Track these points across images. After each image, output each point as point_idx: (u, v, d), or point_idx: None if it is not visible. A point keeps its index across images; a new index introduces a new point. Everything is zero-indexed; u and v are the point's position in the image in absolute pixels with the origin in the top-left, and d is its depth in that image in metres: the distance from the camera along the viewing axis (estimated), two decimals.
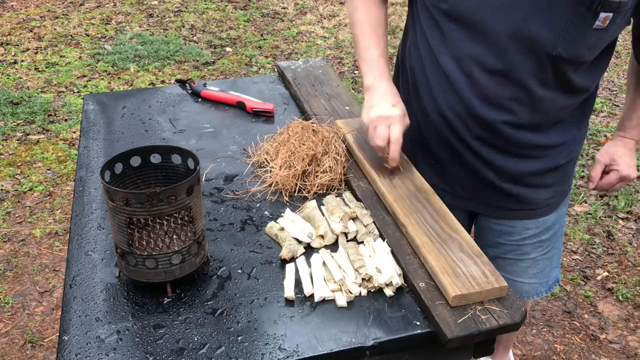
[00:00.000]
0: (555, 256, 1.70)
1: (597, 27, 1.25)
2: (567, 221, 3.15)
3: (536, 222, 1.58)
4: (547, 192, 1.55)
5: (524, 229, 1.59)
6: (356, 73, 4.70)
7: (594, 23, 1.24)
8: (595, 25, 1.25)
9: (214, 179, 1.51)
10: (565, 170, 1.55)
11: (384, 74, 1.45)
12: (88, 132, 1.70)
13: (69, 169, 3.47)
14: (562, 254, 2.90)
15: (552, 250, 1.67)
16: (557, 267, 1.73)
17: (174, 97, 1.91)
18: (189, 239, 1.15)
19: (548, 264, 1.69)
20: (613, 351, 2.44)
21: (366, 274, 1.16)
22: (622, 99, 4.42)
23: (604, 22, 1.24)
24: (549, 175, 1.52)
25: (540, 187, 1.53)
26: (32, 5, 5.81)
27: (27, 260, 2.83)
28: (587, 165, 3.61)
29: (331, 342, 1.05)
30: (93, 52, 4.87)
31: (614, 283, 2.78)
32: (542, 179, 1.52)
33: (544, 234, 1.61)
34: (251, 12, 5.83)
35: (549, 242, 1.64)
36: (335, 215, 1.31)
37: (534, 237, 1.61)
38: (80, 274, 1.19)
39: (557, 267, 1.74)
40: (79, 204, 1.40)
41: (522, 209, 1.55)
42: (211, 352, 1.03)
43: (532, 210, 1.56)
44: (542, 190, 1.54)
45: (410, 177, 1.44)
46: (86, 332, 1.06)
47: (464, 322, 1.07)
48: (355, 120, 1.66)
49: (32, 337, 2.44)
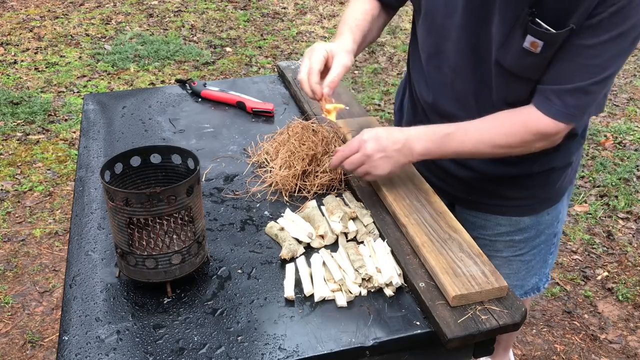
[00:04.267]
0: (535, 263, 1.67)
1: (527, 48, 1.25)
2: (567, 221, 3.15)
3: (509, 220, 1.57)
4: (522, 192, 1.53)
5: (497, 224, 1.59)
6: (356, 73, 4.70)
7: (523, 43, 1.24)
8: (526, 47, 1.24)
9: (214, 179, 1.51)
10: (543, 177, 1.52)
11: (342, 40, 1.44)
12: (88, 132, 1.70)
13: (69, 169, 3.47)
14: (558, 256, 2.91)
15: (530, 256, 1.64)
16: (538, 275, 1.70)
17: (174, 97, 1.91)
18: (189, 239, 1.15)
19: (524, 268, 1.66)
20: (613, 351, 2.44)
21: (366, 274, 1.16)
22: (622, 99, 4.43)
23: (533, 46, 1.24)
24: (524, 179, 1.51)
25: (515, 186, 1.52)
26: (32, 5, 5.81)
27: (27, 260, 2.83)
28: (587, 165, 3.61)
29: (331, 342, 1.05)
30: (93, 52, 4.87)
31: (614, 283, 2.78)
32: (515, 180, 1.51)
33: (517, 235, 1.59)
34: (251, 12, 5.83)
35: (523, 244, 1.61)
36: (335, 215, 1.31)
37: (506, 235, 1.60)
38: (80, 274, 1.19)
39: (540, 275, 1.71)
40: (79, 204, 1.40)
41: (495, 204, 1.55)
42: (211, 352, 1.03)
43: (505, 207, 1.55)
44: (517, 189, 1.53)
45: (411, 177, 1.44)
46: (86, 332, 1.06)
47: (464, 322, 1.07)
48: (355, 120, 1.66)
49: (32, 337, 2.44)
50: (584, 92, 1.24)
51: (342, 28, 1.49)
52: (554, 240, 1.68)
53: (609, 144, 3.84)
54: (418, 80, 1.55)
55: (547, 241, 1.65)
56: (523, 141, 1.31)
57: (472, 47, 1.35)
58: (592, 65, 1.21)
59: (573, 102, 1.25)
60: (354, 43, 1.45)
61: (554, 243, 1.69)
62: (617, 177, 3.49)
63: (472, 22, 1.32)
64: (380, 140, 1.32)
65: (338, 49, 1.39)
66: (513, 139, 1.30)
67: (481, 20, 1.30)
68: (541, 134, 1.29)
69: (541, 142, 1.31)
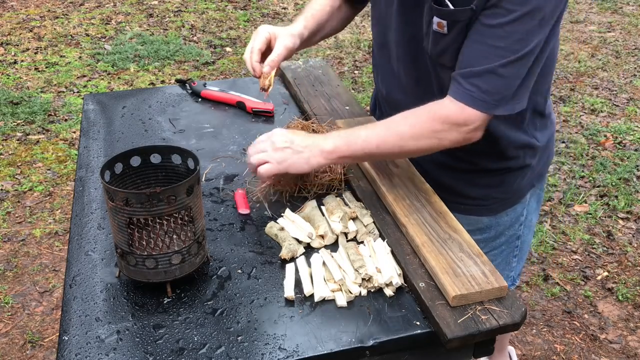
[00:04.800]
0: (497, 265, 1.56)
1: (436, 30, 1.26)
2: (567, 221, 3.16)
3: (467, 219, 1.52)
4: (478, 191, 1.52)
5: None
6: (356, 73, 4.70)
7: (432, 24, 1.26)
8: (435, 29, 1.26)
9: (214, 179, 1.51)
10: (498, 177, 1.50)
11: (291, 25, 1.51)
12: (88, 132, 1.71)
13: (69, 169, 3.47)
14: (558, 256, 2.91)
15: (491, 256, 1.59)
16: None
17: (174, 97, 1.91)
18: (189, 239, 1.15)
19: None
20: (613, 351, 2.44)
21: (366, 274, 1.16)
22: (622, 99, 4.42)
23: (439, 26, 1.24)
24: (481, 175, 1.50)
25: (471, 184, 1.51)
26: (32, 5, 5.81)
27: (27, 260, 2.83)
28: (587, 165, 3.61)
29: (331, 342, 1.05)
30: (93, 52, 4.87)
31: (614, 283, 2.78)
32: (473, 176, 1.50)
33: (477, 234, 1.55)
34: (251, 12, 5.83)
35: (483, 244, 1.56)
36: (335, 215, 1.31)
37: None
38: (80, 274, 1.19)
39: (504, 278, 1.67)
40: (79, 204, 1.40)
41: (454, 201, 1.50)
42: (211, 352, 1.03)
43: (464, 206, 1.52)
44: (473, 188, 1.52)
45: (411, 177, 1.44)
46: (86, 332, 1.06)
47: (464, 322, 1.07)
48: (355, 120, 1.66)
49: (32, 337, 2.44)
50: (495, 75, 1.19)
51: (298, 17, 1.55)
52: (517, 243, 1.65)
53: (609, 144, 3.84)
54: (375, 73, 1.58)
55: (508, 243, 1.62)
56: (431, 130, 1.25)
57: (410, 36, 1.36)
58: (500, 48, 1.18)
59: (483, 85, 1.20)
60: (305, 29, 1.51)
61: (517, 246, 1.65)
62: (617, 177, 3.49)
63: (407, 10, 1.33)
64: (292, 135, 1.32)
65: (282, 31, 1.47)
66: (419, 129, 1.26)
67: (414, 8, 1.31)
68: (449, 121, 1.24)
69: (452, 132, 1.25)
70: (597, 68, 4.85)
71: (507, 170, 1.50)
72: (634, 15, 5.92)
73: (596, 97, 4.41)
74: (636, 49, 5.21)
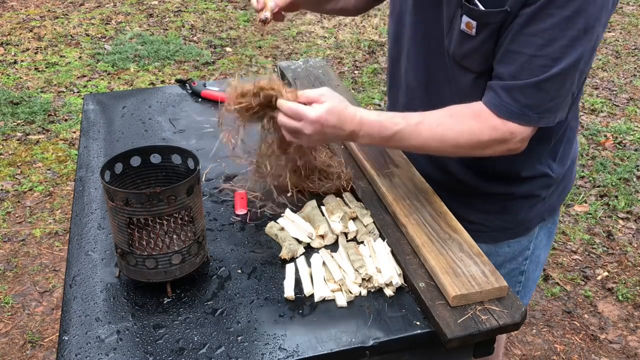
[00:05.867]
0: None
1: (464, 30, 1.19)
2: (567, 221, 3.16)
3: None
4: (478, 216, 1.42)
5: None
6: (356, 73, 4.70)
7: (460, 25, 1.20)
8: (462, 29, 1.19)
9: (214, 179, 1.51)
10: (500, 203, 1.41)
11: None
12: (88, 132, 1.70)
13: (69, 169, 3.47)
14: (558, 255, 2.91)
15: None
16: None
17: (174, 97, 1.91)
18: (189, 239, 1.15)
19: None
20: (613, 351, 2.44)
21: (366, 274, 1.16)
22: (622, 99, 4.43)
23: (468, 26, 1.17)
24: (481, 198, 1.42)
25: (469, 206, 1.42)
26: (32, 5, 5.81)
27: (27, 260, 2.83)
28: (587, 165, 3.61)
29: (331, 342, 1.05)
30: (93, 52, 4.87)
31: (614, 283, 2.78)
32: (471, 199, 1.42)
33: None
34: (251, 12, 5.83)
35: None
36: (335, 215, 1.31)
37: None
38: (80, 274, 1.19)
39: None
40: (79, 204, 1.40)
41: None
42: (211, 352, 1.03)
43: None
44: (472, 211, 1.41)
45: (411, 177, 1.44)
46: (86, 332, 1.06)
47: (464, 322, 1.07)
48: None
49: (32, 337, 2.44)
50: (537, 89, 1.13)
51: None
52: (520, 279, 1.52)
53: (609, 144, 3.84)
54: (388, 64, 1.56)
55: (509, 276, 1.49)
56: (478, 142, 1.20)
57: (423, 34, 1.32)
58: (541, 57, 1.10)
59: (524, 99, 1.14)
60: None
61: (520, 282, 1.52)
62: (617, 177, 3.49)
63: (424, 5, 1.30)
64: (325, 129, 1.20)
65: None
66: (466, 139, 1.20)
67: (431, 4, 1.27)
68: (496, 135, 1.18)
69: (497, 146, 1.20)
70: (597, 68, 4.85)
71: (510, 197, 1.40)
72: (633, 15, 5.92)
73: (596, 97, 4.41)
74: (636, 49, 5.21)
